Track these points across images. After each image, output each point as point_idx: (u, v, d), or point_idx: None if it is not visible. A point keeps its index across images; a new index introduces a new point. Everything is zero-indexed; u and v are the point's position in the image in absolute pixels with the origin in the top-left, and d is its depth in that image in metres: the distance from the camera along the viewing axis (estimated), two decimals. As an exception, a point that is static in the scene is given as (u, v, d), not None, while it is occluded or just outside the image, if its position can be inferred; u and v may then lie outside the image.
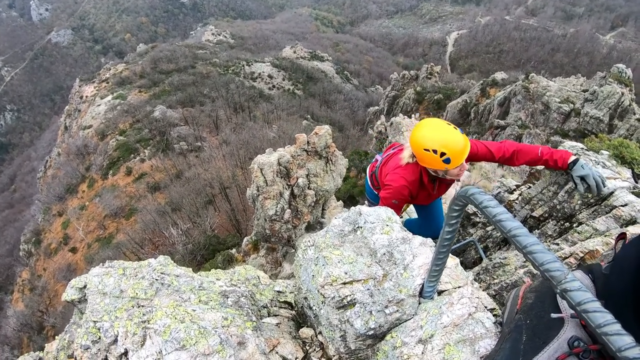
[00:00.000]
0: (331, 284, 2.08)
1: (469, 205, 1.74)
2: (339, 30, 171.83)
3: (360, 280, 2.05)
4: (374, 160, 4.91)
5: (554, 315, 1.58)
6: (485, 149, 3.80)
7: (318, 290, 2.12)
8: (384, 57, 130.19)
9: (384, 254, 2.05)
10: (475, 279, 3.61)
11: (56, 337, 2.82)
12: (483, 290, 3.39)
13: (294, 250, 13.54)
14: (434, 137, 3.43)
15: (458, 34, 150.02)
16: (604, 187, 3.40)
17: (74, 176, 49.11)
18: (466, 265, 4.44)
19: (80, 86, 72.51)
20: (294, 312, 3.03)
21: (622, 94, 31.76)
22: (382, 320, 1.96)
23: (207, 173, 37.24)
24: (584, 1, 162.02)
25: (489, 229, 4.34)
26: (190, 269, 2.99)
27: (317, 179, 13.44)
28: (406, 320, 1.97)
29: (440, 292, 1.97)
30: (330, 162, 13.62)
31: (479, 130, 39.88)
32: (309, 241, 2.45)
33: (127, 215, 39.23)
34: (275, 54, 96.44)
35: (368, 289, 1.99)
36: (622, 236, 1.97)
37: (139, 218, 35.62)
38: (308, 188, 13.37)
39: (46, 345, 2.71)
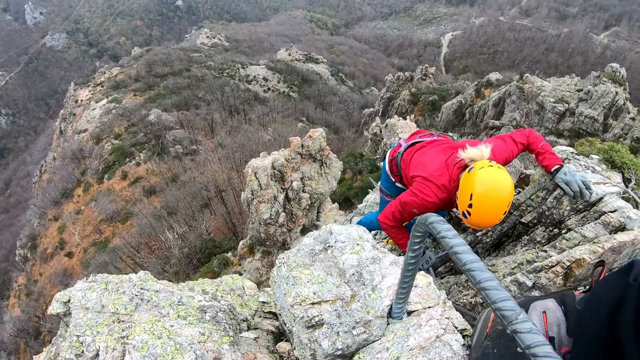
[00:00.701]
0: (300, 304, 2.10)
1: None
2: (333, 32, 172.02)
3: (329, 300, 2.07)
4: (396, 144, 4.49)
5: (520, 350, 1.60)
6: (516, 147, 3.65)
7: (289, 309, 2.14)
8: (378, 59, 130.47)
9: (353, 274, 2.07)
10: (462, 285, 3.64)
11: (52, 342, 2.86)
12: (470, 298, 3.44)
13: (289, 254, 13.54)
14: (486, 193, 3.02)
15: (452, 35, 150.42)
16: (589, 192, 3.42)
17: (69, 180, 49.03)
18: (456, 271, 4.47)
19: (75, 90, 72.47)
20: (278, 322, 3.04)
21: (617, 93, 31.90)
22: (350, 341, 1.98)
23: (203, 176, 37.26)
24: (578, 1, 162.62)
25: (478, 234, 4.35)
26: (171, 283, 3.01)
27: (311, 182, 13.47)
28: (374, 341, 1.99)
29: (410, 313, 1.98)
30: (324, 164, 13.66)
31: (474, 131, 40.00)
32: (282, 258, 2.48)
33: (123, 219, 39.17)
34: (270, 56, 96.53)
35: (336, 310, 2.01)
36: (600, 264, 1.99)
37: (135, 222, 35.59)
38: (303, 191, 13.41)
39: (34, 357, 2.74)
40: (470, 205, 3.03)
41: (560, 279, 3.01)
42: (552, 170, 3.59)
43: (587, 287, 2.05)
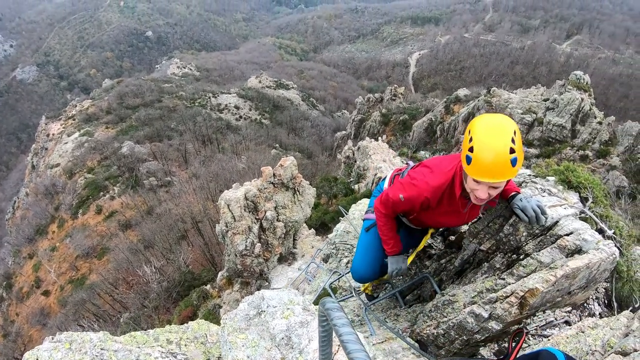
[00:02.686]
0: None
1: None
2: (302, 58, 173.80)
3: None
4: (402, 165, 4.46)
5: None
6: None
7: None
8: (348, 82, 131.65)
9: (282, 338, 2.15)
10: (427, 316, 3.72)
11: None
12: (433, 329, 3.53)
13: (267, 284, 13.56)
14: (485, 126, 2.95)
15: (419, 54, 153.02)
16: (545, 217, 3.45)
17: (43, 217, 48.27)
18: (424, 299, 4.53)
19: (46, 124, 71.79)
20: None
21: (582, 99, 32.74)
22: None
23: (179, 208, 37.05)
24: (539, 13, 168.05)
25: (442, 261, 4.45)
26: (133, 337, 3.06)
27: (285, 210, 13.54)
28: None
29: None
30: (297, 192, 13.76)
31: (446, 147, 40.50)
32: (225, 319, 2.55)
33: (99, 254, 38.67)
34: (241, 84, 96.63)
35: None
36: (518, 330, 2.09)
37: (112, 257, 35.16)
38: (277, 220, 13.46)
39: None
40: (471, 149, 2.92)
41: (516, 309, 3.09)
42: (508, 197, 3.60)
43: (504, 355, 2.14)
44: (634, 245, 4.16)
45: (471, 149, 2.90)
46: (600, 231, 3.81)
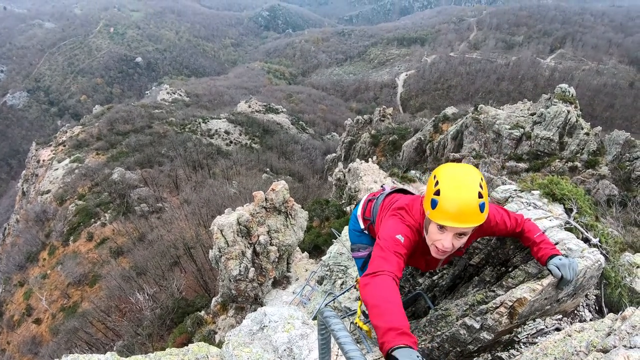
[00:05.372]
0: None
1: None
2: (291, 82, 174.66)
3: None
4: (377, 190, 4.20)
5: None
6: (505, 222, 3.39)
7: None
8: (337, 104, 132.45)
9: (284, 350, 2.24)
10: (422, 330, 3.81)
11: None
12: (428, 343, 3.62)
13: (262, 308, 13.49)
14: (452, 171, 2.90)
15: (406, 74, 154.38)
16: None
17: (34, 244, 47.92)
18: (418, 315, 4.60)
19: (36, 150, 71.57)
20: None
21: (568, 111, 32.99)
22: None
23: (170, 234, 36.92)
24: (522, 29, 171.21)
25: (434, 277, 4.54)
26: (140, 357, 3.14)
27: (278, 234, 13.57)
28: None
29: None
30: (290, 216, 13.81)
31: (436, 166, 40.42)
32: (229, 336, 2.64)
33: (91, 282, 38.38)
34: (231, 109, 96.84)
35: None
36: None
37: (104, 285, 34.89)
38: (270, 244, 13.48)
39: None
40: (437, 192, 2.81)
41: (506, 319, 3.18)
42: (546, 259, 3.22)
43: None
44: (620, 252, 4.25)
45: (437, 192, 2.81)
46: (586, 240, 3.91)
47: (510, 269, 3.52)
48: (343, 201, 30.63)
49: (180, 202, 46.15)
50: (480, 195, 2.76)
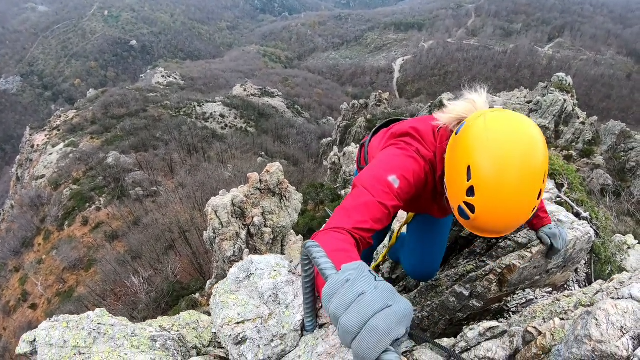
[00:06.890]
0: (228, 324, 2.27)
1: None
2: (287, 66, 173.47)
3: (250, 319, 2.23)
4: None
5: None
6: None
7: (219, 330, 2.33)
8: (333, 89, 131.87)
9: (270, 295, 2.25)
10: (412, 302, 3.82)
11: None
12: (418, 313, 3.64)
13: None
14: (498, 153, 1.75)
15: (403, 60, 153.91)
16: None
17: (28, 229, 47.80)
18: (409, 289, 4.58)
19: (30, 135, 70.97)
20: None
21: (565, 100, 33.06)
22: (269, 352, 2.15)
23: (165, 218, 36.85)
24: (521, 17, 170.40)
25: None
26: (125, 318, 3.18)
27: (272, 216, 13.56)
28: (289, 352, 2.17)
29: (322, 325, 2.15)
30: (284, 198, 13.78)
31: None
32: (217, 287, 2.66)
33: (87, 266, 38.40)
34: (226, 93, 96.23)
35: (256, 327, 2.17)
36: None
37: (99, 269, 34.87)
38: (264, 226, 13.47)
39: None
40: (471, 191, 1.82)
41: (495, 286, 3.21)
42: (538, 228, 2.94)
43: None
44: (611, 233, 4.27)
45: (471, 191, 1.83)
46: (577, 215, 3.92)
47: (500, 240, 3.52)
48: (338, 185, 30.67)
49: (175, 185, 46.03)
50: (539, 195, 1.83)
